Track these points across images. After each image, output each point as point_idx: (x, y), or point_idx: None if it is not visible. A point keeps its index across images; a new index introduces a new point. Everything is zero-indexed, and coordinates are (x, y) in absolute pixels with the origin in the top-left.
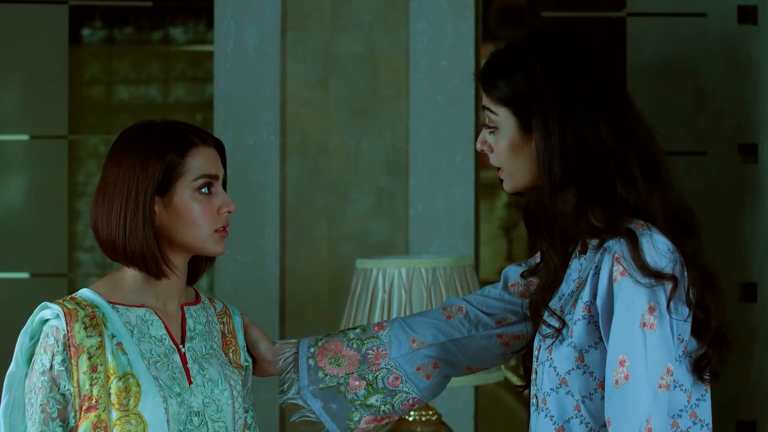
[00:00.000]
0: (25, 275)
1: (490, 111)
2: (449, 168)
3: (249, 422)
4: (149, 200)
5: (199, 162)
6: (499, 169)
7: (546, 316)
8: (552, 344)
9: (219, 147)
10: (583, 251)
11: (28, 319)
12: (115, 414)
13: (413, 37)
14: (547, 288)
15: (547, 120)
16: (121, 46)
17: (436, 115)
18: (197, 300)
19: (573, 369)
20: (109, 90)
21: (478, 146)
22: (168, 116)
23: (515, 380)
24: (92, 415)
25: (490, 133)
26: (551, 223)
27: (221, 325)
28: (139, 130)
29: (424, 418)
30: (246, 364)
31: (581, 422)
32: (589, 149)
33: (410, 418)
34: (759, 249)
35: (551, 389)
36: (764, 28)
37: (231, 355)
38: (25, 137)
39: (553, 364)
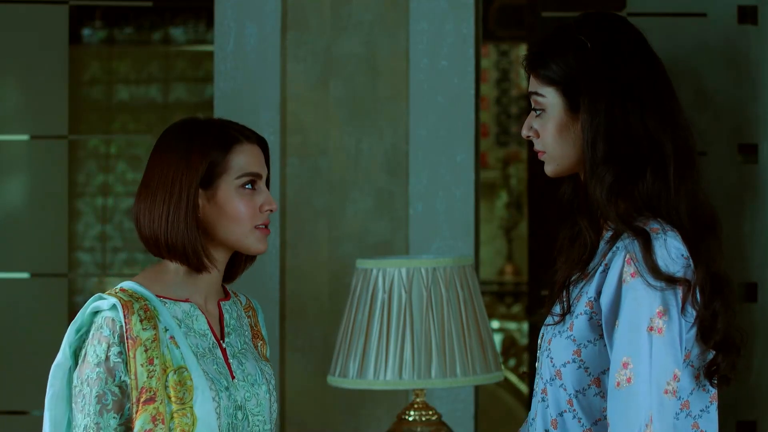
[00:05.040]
0: (25, 275)
1: (537, 94)
2: (449, 168)
3: None
4: (193, 194)
5: (243, 159)
6: (538, 153)
7: (563, 294)
8: (553, 334)
9: (263, 145)
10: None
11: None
12: (172, 407)
13: (413, 37)
14: (576, 263)
15: (595, 98)
16: (121, 46)
17: (436, 115)
18: (228, 295)
19: (569, 362)
20: (109, 90)
21: (524, 132)
22: (168, 116)
23: (515, 380)
24: (151, 407)
25: (537, 116)
26: (591, 202)
27: (248, 319)
28: (182, 127)
29: (424, 418)
30: (268, 357)
31: (573, 417)
32: (633, 131)
33: (410, 418)
34: (759, 249)
35: (548, 380)
36: (764, 28)
37: (260, 348)
38: (25, 137)
39: (551, 354)
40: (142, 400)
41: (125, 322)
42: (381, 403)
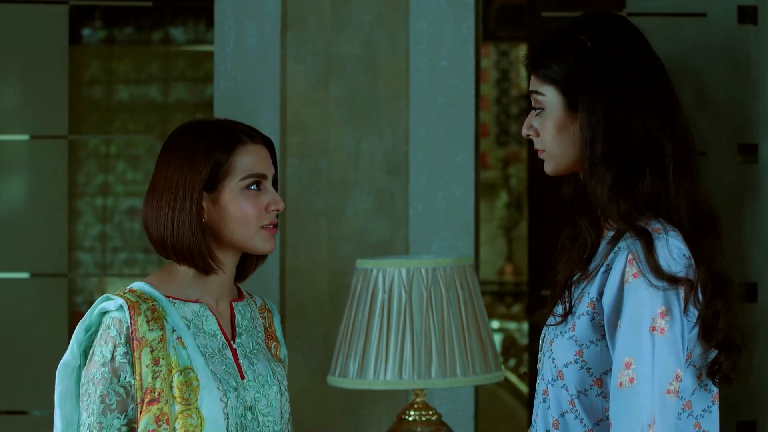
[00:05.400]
0: (25, 275)
1: (537, 93)
2: (449, 168)
3: None
4: (196, 197)
5: (247, 160)
6: (538, 151)
7: (564, 294)
8: (554, 334)
9: (269, 145)
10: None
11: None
12: (177, 407)
13: (413, 37)
14: (577, 262)
15: (594, 97)
16: (121, 46)
17: (436, 115)
18: (242, 296)
19: (570, 363)
20: (109, 90)
21: (524, 131)
22: (168, 116)
23: (515, 380)
24: (154, 408)
25: (537, 115)
26: (591, 201)
27: (263, 320)
28: (187, 129)
29: (424, 418)
30: (283, 358)
31: (575, 417)
32: (631, 131)
33: (410, 418)
34: (759, 249)
35: (549, 380)
36: (764, 28)
37: (273, 350)
38: (25, 137)
39: (553, 355)
40: (146, 400)
41: (131, 323)
42: (381, 403)
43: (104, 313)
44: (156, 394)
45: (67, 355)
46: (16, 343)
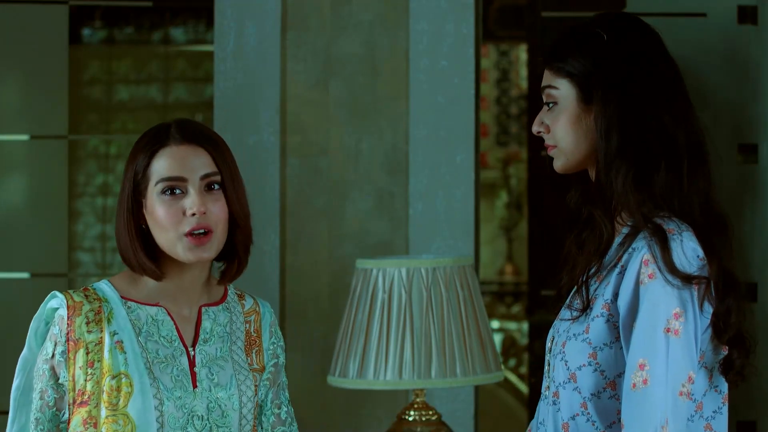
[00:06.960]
0: (25, 275)
1: (551, 87)
2: (449, 168)
3: (283, 418)
4: (130, 204)
5: (163, 164)
6: (547, 148)
7: (582, 288)
8: (567, 336)
9: (207, 145)
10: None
11: (28, 318)
12: (104, 412)
13: (413, 37)
14: (593, 255)
15: (609, 89)
16: (121, 46)
17: (436, 115)
18: (222, 300)
19: (584, 365)
20: (109, 90)
21: (535, 129)
22: (168, 116)
23: (515, 380)
24: (83, 410)
25: (548, 110)
26: (606, 193)
27: (247, 324)
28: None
29: (424, 418)
30: (275, 360)
31: (587, 420)
32: (646, 123)
33: (410, 418)
34: (759, 249)
35: (561, 383)
36: (764, 28)
37: (254, 355)
38: (25, 137)
39: (565, 357)
40: (77, 402)
41: (68, 324)
42: (381, 403)
43: (55, 309)
44: (86, 396)
45: (25, 351)
46: (16, 343)
